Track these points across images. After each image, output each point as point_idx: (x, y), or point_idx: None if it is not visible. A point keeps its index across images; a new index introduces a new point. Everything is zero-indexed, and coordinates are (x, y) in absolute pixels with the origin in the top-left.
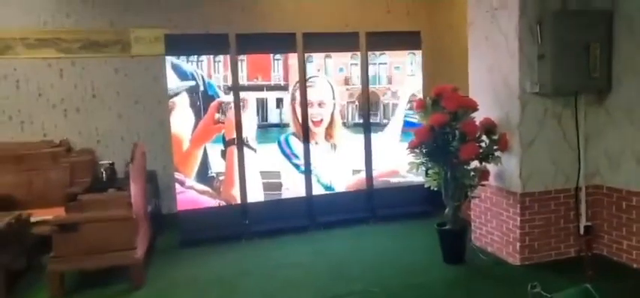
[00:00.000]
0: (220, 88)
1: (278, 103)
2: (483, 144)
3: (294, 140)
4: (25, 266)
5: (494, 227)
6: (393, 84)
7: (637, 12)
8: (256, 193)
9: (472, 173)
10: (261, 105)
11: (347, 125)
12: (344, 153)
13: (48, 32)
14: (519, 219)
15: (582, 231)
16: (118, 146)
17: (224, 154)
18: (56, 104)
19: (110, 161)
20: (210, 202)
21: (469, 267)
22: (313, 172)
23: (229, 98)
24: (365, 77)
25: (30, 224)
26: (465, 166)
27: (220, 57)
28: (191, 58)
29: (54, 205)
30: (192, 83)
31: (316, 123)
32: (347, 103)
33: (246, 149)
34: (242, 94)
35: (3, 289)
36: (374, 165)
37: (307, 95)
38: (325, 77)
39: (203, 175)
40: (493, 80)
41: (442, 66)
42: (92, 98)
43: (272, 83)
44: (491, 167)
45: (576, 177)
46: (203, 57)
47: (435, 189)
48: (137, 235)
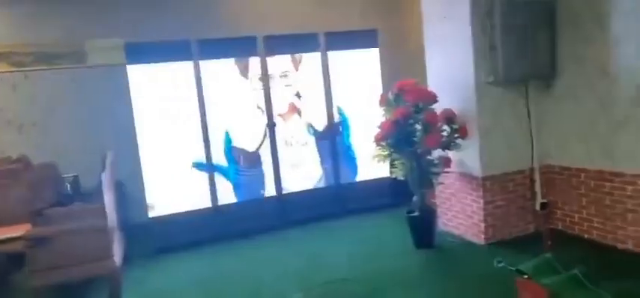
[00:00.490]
0: None
1: None
2: (445, 133)
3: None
4: None
5: (459, 211)
6: None
7: (576, 2)
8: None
9: (436, 161)
10: None
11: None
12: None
13: None
14: (482, 201)
15: (539, 208)
16: (81, 158)
17: None
18: (11, 119)
19: (74, 174)
20: (181, 207)
21: (438, 250)
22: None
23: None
24: (326, 78)
25: None
26: (429, 156)
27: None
28: None
29: (17, 222)
30: None
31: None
32: None
33: None
34: None
35: None
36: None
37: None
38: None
39: None
40: (450, 73)
41: (400, 62)
42: (49, 111)
43: None
44: (453, 154)
45: (530, 159)
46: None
47: (401, 180)
48: (113, 243)
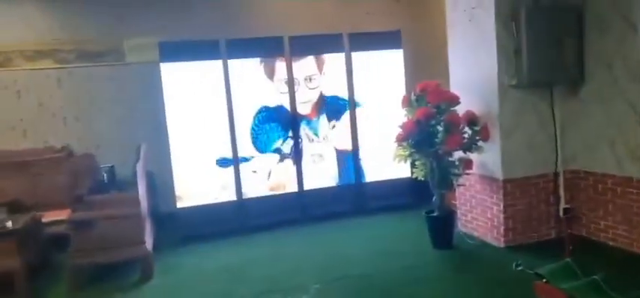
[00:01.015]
0: None
1: None
2: (466, 135)
3: None
4: (41, 264)
5: (479, 213)
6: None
7: (605, 8)
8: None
9: (456, 162)
10: None
11: None
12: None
13: (45, 44)
14: (502, 205)
15: (562, 213)
16: (117, 150)
17: None
18: (56, 112)
19: (110, 164)
20: (207, 199)
21: (457, 251)
22: None
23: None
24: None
25: (43, 224)
26: (450, 157)
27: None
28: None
29: (59, 207)
30: None
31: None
32: None
33: None
34: None
35: (25, 284)
36: None
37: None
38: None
39: None
40: (473, 75)
41: (423, 63)
42: (90, 105)
43: None
44: (474, 156)
45: (554, 163)
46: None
47: (422, 180)
48: (145, 230)
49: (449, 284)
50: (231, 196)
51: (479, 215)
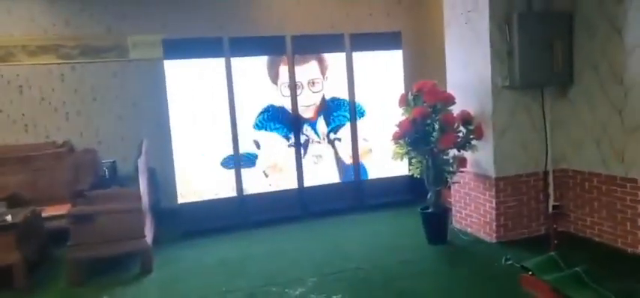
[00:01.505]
0: None
1: None
2: (461, 134)
3: None
4: (40, 258)
5: (472, 210)
6: None
7: (593, 13)
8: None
9: (451, 160)
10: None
11: None
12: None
13: (48, 39)
14: (495, 201)
15: (551, 210)
16: (119, 145)
17: None
18: (58, 107)
19: (112, 160)
20: (208, 195)
21: (451, 246)
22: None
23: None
24: (350, 77)
25: (43, 219)
26: (445, 155)
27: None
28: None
29: (60, 202)
30: None
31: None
32: None
33: None
34: None
35: (24, 278)
36: None
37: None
38: None
39: None
40: (468, 76)
41: (422, 63)
42: (92, 101)
43: None
44: (468, 155)
45: (544, 162)
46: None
47: (418, 177)
48: (146, 224)
49: (442, 277)
50: (231, 192)
51: (472, 211)
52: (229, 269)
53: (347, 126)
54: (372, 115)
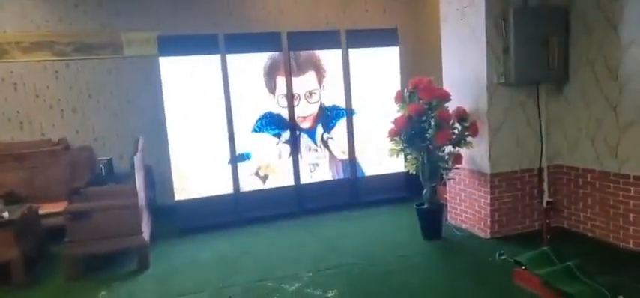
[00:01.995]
0: None
1: None
2: (456, 130)
3: None
4: (38, 254)
5: (467, 206)
6: None
7: (589, 9)
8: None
9: (447, 157)
10: None
11: None
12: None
13: (42, 36)
14: (489, 197)
15: (544, 206)
16: (114, 143)
17: None
18: (53, 105)
19: (108, 157)
20: (205, 192)
21: (445, 242)
22: None
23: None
24: (346, 74)
25: (40, 216)
26: (440, 151)
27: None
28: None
29: (56, 200)
30: None
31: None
32: None
33: None
34: None
35: (23, 274)
36: None
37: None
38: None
39: None
40: (464, 72)
41: (419, 60)
42: (88, 98)
43: None
44: (463, 151)
45: (539, 159)
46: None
47: (414, 174)
48: (142, 221)
49: (437, 271)
50: (228, 189)
51: (467, 207)
52: (225, 264)
53: (343, 121)
54: (369, 112)
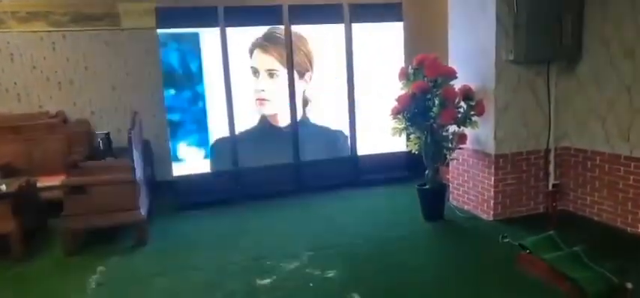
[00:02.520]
0: None
1: None
2: (461, 109)
3: None
4: (36, 228)
5: (470, 187)
6: None
7: None
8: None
9: (451, 137)
10: None
11: None
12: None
13: (38, 5)
14: (493, 179)
15: (550, 189)
16: (112, 117)
17: None
18: (50, 77)
19: (105, 131)
20: (204, 168)
21: (447, 223)
22: None
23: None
24: (349, 49)
25: (37, 188)
26: (444, 131)
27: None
28: None
29: (53, 173)
30: None
31: None
32: None
33: None
34: None
35: (21, 247)
36: None
37: None
38: None
39: None
40: (472, 49)
41: (423, 36)
42: (85, 70)
43: None
44: (468, 131)
45: (547, 139)
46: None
47: (416, 153)
48: (140, 196)
49: (437, 253)
50: (227, 166)
51: (470, 189)
52: (224, 242)
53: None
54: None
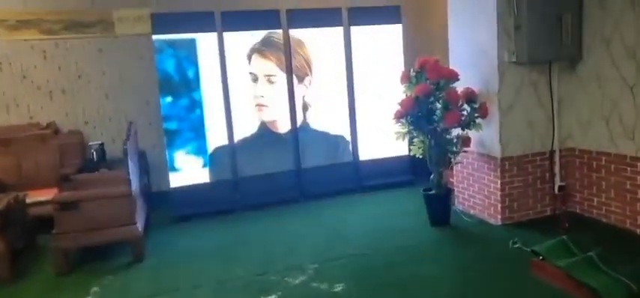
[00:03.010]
0: None
1: None
2: (465, 112)
3: None
4: (24, 245)
5: (476, 191)
6: None
7: None
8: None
9: (455, 140)
10: None
11: None
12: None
13: (29, 13)
14: (500, 182)
15: (557, 191)
16: (106, 126)
17: None
18: (41, 86)
19: (99, 142)
20: (202, 178)
21: (454, 229)
22: None
23: None
24: (348, 52)
25: (27, 205)
26: (448, 134)
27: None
28: None
29: (45, 187)
30: None
31: None
32: None
33: None
34: None
35: (8, 266)
36: None
37: None
38: None
39: None
40: (473, 51)
41: (423, 39)
42: (77, 79)
43: None
44: (472, 134)
45: (551, 141)
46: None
47: (419, 158)
48: (136, 210)
49: (448, 262)
50: (226, 175)
51: (476, 193)
52: (225, 255)
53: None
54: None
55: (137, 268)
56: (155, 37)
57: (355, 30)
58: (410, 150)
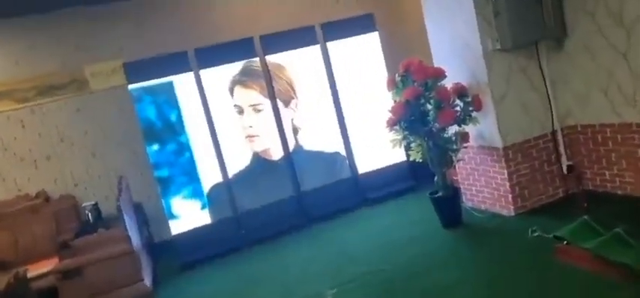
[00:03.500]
0: None
1: None
2: (458, 108)
3: None
4: None
5: (483, 184)
6: None
7: None
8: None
9: (453, 138)
10: None
11: None
12: None
13: (1, 84)
14: (506, 172)
15: (565, 171)
16: (97, 185)
17: None
18: (24, 156)
19: (93, 201)
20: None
21: (467, 227)
22: None
23: None
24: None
25: (28, 280)
26: (445, 133)
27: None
28: None
29: (45, 257)
30: None
31: None
32: None
33: None
34: None
35: None
36: None
37: None
38: None
39: None
40: (455, 46)
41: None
42: (60, 142)
43: None
44: (469, 128)
45: (551, 122)
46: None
47: (419, 161)
48: (141, 266)
49: (468, 263)
50: (226, 212)
51: (483, 186)
52: (241, 295)
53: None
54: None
55: None
56: (131, 87)
57: (332, 45)
58: (409, 156)
